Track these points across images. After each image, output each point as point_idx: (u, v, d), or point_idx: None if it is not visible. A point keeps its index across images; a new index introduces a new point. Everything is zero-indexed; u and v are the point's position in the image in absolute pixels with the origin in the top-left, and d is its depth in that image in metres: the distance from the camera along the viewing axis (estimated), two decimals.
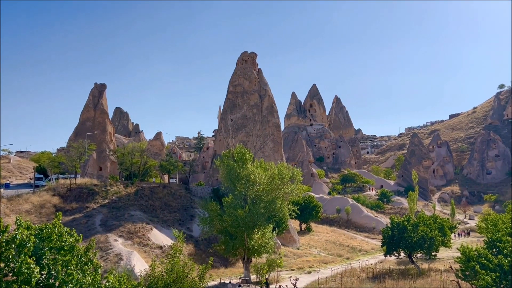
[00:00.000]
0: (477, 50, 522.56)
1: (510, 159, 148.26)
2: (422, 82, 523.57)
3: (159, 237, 50.47)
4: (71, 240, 15.40)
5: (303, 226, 79.86)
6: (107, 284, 15.94)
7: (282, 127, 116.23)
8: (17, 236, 13.87)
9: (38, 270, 13.49)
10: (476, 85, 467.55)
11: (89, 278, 15.01)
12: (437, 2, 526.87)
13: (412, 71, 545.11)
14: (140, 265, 39.16)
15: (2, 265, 13.40)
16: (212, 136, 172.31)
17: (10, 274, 13.35)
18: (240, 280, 43.19)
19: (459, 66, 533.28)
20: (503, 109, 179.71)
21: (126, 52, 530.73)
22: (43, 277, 13.96)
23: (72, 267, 14.77)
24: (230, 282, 42.07)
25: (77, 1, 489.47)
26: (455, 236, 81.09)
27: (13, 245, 13.70)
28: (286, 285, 40.81)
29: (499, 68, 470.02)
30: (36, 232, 15.04)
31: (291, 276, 44.61)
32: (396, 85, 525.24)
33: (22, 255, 13.42)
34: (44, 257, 14.46)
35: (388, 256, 50.77)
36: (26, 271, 13.11)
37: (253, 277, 45.49)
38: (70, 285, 14.14)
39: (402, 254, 50.12)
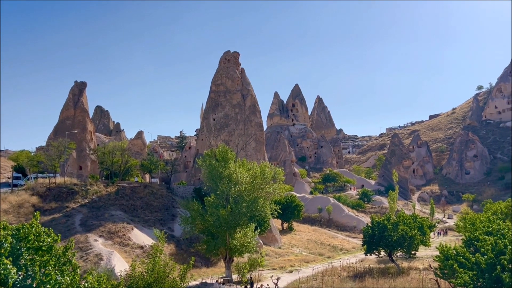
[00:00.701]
0: (456, 52, 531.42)
1: (488, 160, 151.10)
2: (403, 83, 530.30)
3: (140, 237, 50.06)
4: (49, 240, 15.18)
5: (285, 225, 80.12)
6: (86, 284, 15.76)
7: (265, 127, 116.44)
8: None
9: (15, 271, 13.26)
10: (455, 87, 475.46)
11: (68, 278, 14.80)
12: (417, 3, 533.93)
13: (393, 72, 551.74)
14: (120, 265, 38.80)
15: None
16: (194, 135, 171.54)
17: None
18: (222, 280, 43.12)
19: (438, 68, 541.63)
20: (481, 110, 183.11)
21: (107, 50, 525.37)
22: (20, 278, 13.72)
23: (50, 268, 14.56)
24: (216, 281, 41.93)
25: (59, 1, 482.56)
26: (434, 235, 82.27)
27: None
28: (268, 285, 40.86)
29: (477, 69, 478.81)
30: (13, 232, 14.79)
31: (272, 276, 44.72)
32: (377, 85, 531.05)
33: None
34: (21, 257, 14.23)
35: (368, 255, 51.24)
36: (2, 272, 12.88)
37: (235, 277, 45.49)
38: (48, 286, 13.93)
39: (382, 253, 50.63)
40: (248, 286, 40.63)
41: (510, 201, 68.45)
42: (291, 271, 51.73)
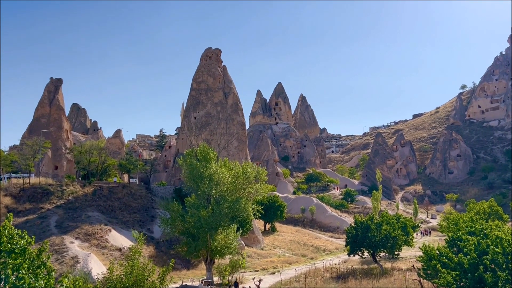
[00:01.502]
0: (440, 51, 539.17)
1: (471, 159, 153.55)
2: (387, 81, 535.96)
3: (118, 239, 49.61)
4: (22, 242, 14.93)
5: (268, 226, 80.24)
6: None
7: (247, 126, 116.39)
8: None
9: None
10: (439, 86, 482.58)
11: (42, 282, 14.60)
12: (402, 3, 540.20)
13: (377, 70, 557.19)
14: (97, 268, 38.39)
15: None
16: (175, 134, 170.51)
17: None
18: (203, 282, 42.97)
19: (422, 67, 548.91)
20: (465, 110, 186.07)
21: (84, 46, 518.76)
22: None
23: (23, 271, 14.33)
24: (201, 282, 41.73)
25: None
26: (417, 235, 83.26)
27: None
28: (250, 287, 40.91)
29: (461, 69, 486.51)
30: None
31: (254, 277, 44.73)
32: (361, 84, 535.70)
33: None
34: None
35: (351, 255, 51.66)
36: None
37: (216, 279, 45.40)
38: None
39: (366, 254, 51.07)
40: (233, 287, 40.70)
41: (493, 201, 69.78)
42: (273, 273, 51.83)
